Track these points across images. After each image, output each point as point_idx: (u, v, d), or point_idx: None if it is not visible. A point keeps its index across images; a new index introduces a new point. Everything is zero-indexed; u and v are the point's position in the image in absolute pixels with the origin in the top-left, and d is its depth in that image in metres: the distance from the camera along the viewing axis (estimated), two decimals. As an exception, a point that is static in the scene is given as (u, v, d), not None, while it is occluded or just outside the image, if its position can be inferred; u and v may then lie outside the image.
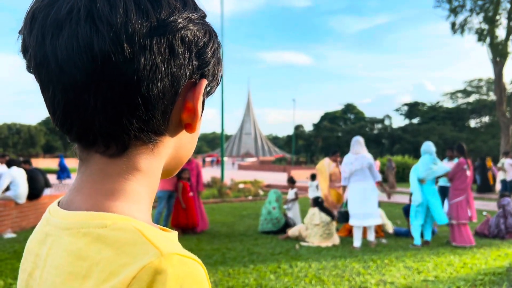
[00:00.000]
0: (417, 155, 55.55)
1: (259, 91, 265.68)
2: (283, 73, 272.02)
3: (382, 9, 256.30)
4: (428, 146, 7.43)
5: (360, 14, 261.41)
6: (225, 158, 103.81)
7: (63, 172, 19.57)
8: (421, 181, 7.23)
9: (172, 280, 0.44)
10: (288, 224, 8.02)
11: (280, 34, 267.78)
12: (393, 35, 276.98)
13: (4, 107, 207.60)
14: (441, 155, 62.93)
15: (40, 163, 53.52)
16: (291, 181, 9.32)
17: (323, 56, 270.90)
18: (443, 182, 8.95)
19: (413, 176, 7.37)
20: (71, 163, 53.89)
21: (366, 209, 6.92)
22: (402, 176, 26.49)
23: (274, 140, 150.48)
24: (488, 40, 24.04)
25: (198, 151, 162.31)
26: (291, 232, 7.56)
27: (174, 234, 0.53)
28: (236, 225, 9.12)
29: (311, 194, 9.07)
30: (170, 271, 0.44)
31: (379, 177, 7.11)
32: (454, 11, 24.72)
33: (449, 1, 24.86)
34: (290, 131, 65.47)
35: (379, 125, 66.94)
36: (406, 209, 8.16)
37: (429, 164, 7.21)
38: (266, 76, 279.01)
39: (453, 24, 25.43)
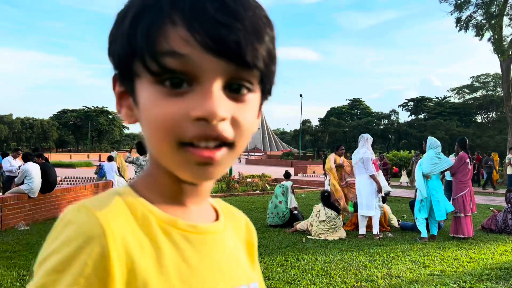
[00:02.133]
0: (423, 150, 55.36)
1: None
2: (291, 69, 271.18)
3: (390, 5, 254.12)
4: (432, 141, 7.50)
5: (367, 10, 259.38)
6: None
7: None
8: (426, 176, 7.29)
9: (59, 219, 0.50)
10: (296, 218, 8.10)
11: (287, 31, 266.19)
12: (400, 31, 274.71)
13: (17, 102, 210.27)
14: (448, 150, 62.60)
15: (52, 157, 54.12)
16: (286, 176, 9.51)
17: (330, 52, 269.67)
18: (450, 177, 9.00)
19: (418, 171, 7.43)
20: (78, 157, 54.17)
21: (361, 200, 7.37)
22: (410, 171, 26.48)
23: (282, 135, 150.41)
24: (488, 35, 24.02)
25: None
26: (299, 226, 7.65)
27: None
28: (244, 219, 9.21)
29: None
30: (63, 214, 0.50)
31: (371, 171, 7.32)
32: (459, 7, 24.58)
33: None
34: (298, 126, 65.48)
35: (386, 121, 66.67)
36: (412, 204, 8.21)
37: (433, 159, 7.27)
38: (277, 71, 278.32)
39: (458, 20, 25.32)
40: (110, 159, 14.18)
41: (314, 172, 28.45)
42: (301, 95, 55.95)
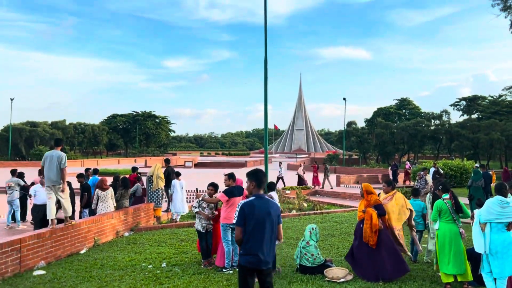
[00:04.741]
0: (476, 153, 52.26)
1: (315, 86, 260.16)
2: (340, 68, 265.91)
3: (445, 1, 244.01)
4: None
5: (421, 7, 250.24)
6: (277, 155, 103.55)
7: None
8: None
9: None
10: (326, 264, 7.36)
11: (339, 30, 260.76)
12: (454, 27, 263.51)
13: (72, 108, 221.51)
14: (505, 152, 58.40)
15: (101, 163, 55.81)
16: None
17: (380, 50, 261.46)
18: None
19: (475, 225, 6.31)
20: (126, 162, 55.17)
21: None
22: (460, 181, 24.64)
23: (326, 135, 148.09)
24: None
25: (251, 147, 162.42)
26: (331, 274, 6.94)
27: None
28: (273, 255, 8.56)
29: None
30: None
31: None
32: (507, 9, 23.10)
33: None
34: (343, 126, 63.81)
35: (437, 121, 63.58)
36: (471, 252, 6.83)
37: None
38: (323, 72, 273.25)
39: None
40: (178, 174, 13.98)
41: (357, 182, 27.27)
42: (344, 99, 54.53)
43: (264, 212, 4.35)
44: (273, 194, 8.74)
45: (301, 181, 25.29)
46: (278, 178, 25.91)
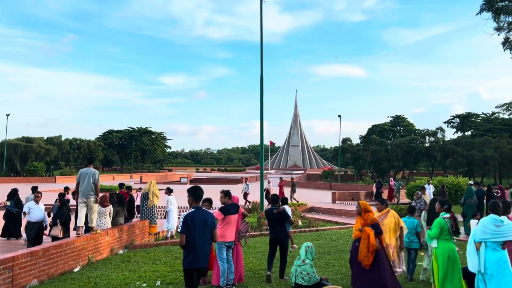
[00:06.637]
0: (470, 170, 52.50)
1: (311, 103, 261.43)
2: (336, 86, 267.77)
3: (438, 20, 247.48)
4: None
5: (415, 26, 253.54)
6: (272, 171, 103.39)
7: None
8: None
9: None
10: (321, 283, 7.32)
11: (335, 48, 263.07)
12: (447, 45, 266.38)
13: (69, 124, 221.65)
14: (499, 169, 58.45)
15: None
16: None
17: (376, 68, 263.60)
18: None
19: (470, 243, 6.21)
20: (121, 178, 54.81)
21: None
22: (455, 198, 24.74)
23: (322, 151, 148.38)
24: None
25: (247, 163, 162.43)
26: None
27: None
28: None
29: None
30: None
31: None
32: (499, 30, 23.63)
33: (496, 19, 23.75)
34: (338, 143, 64.12)
35: (431, 138, 63.96)
36: (467, 271, 6.75)
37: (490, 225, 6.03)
38: (318, 89, 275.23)
39: (506, 40, 24.23)
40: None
41: (353, 199, 27.26)
42: (339, 116, 54.79)
43: (202, 220, 5.42)
44: (286, 207, 9.14)
45: (268, 196, 25.17)
46: (245, 194, 25.39)
